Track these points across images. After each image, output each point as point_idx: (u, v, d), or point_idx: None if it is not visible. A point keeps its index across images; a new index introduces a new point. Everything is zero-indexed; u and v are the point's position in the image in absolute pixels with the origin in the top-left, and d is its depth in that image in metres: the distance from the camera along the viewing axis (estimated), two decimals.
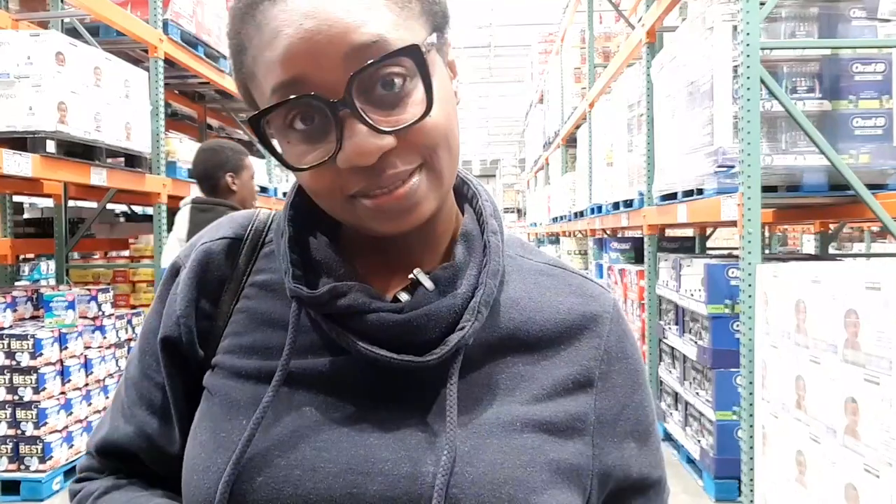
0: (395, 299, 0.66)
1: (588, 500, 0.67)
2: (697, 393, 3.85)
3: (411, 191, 0.61)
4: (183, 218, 3.23)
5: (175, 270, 0.74)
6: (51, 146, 3.53)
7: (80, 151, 3.81)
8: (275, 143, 0.62)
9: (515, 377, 0.67)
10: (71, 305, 4.01)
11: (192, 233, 3.07)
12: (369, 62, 0.57)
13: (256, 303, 0.71)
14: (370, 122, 0.58)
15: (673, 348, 4.35)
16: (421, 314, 0.63)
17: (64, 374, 3.84)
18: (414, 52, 0.58)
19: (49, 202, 5.91)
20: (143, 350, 0.75)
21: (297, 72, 0.58)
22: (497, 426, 0.63)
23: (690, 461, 4.01)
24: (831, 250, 5.33)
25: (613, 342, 0.71)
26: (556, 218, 9.96)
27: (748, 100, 2.94)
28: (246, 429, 0.62)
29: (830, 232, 5.31)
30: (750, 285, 2.96)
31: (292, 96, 0.58)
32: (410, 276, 0.66)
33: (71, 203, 5.50)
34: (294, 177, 0.67)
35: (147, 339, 0.75)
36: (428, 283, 0.65)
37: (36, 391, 3.67)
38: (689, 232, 6.43)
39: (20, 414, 3.67)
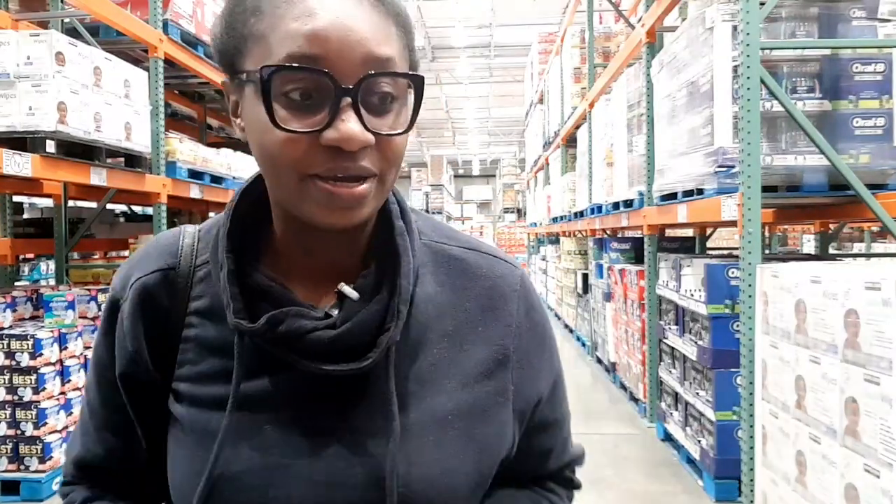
0: (327, 315, 0.72)
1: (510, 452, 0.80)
2: (697, 393, 3.85)
3: (362, 192, 0.67)
4: None
5: (115, 305, 0.79)
6: (51, 146, 3.53)
7: (79, 151, 3.81)
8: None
9: (442, 366, 0.75)
10: (71, 306, 4.00)
11: None
12: (386, 71, 0.66)
13: (202, 330, 0.76)
14: (363, 117, 0.65)
15: (673, 348, 4.35)
16: (352, 325, 0.70)
17: (64, 374, 3.84)
18: (418, 81, 0.69)
19: (49, 202, 5.91)
20: (98, 381, 0.82)
21: (320, 51, 0.64)
22: (433, 423, 0.72)
23: (690, 461, 4.01)
24: (831, 250, 5.33)
25: (522, 316, 0.80)
26: (556, 218, 9.96)
27: (748, 100, 2.94)
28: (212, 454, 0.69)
29: (830, 232, 5.30)
30: (750, 285, 2.96)
31: (308, 66, 0.64)
32: (336, 290, 0.73)
33: (71, 203, 5.50)
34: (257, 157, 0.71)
35: (100, 370, 0.81)
36: (353, 294, 0.72)
37: (36, 391, 3.66)
38: (689, 232, 6.43)
39: (20, 414, 3.66)
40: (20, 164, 3.32)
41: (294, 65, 0.64)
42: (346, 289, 0.72)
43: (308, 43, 0.64)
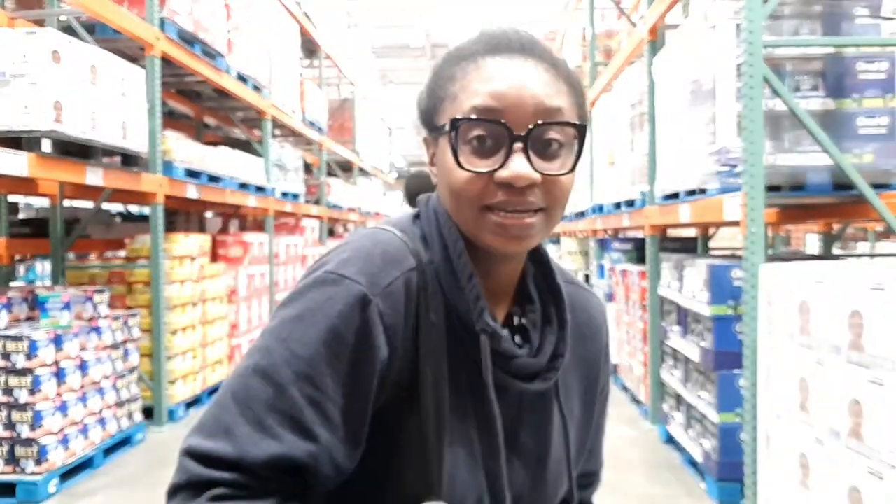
0: (514, 341, 0.88)
1: None
2: (700, 395, 3.82)
3: (530, 223, 0.81)
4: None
5: (364, 298, 0.78)
6: (46, 145, 3.51)
7: (75, 150, 3.79)
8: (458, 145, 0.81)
9: (566, 384, 0.93)
10: (67, 306, 3.98)
11: None
12: (554, 121, 0.80)
13: (437, 338, 0.83)
14: (531, 159, 0.79)
15: (675, 350, 4.32)
16: (544, 353, 0.87)
17: (60, 375, 3.81)
18: (582, 129, 0.83)
19: (45, 202, 5.90)
20: (314, 371, 0.76)
21: (499, 105, 0.79)
22: (576, 441, 0.94)
23: (693, 464, 3.99)
24: (835, 250, 5.30)
25: (606, 338, 1.02)
26: None
27: (751, 98, 2.91)
28: (497, 449, 0.85)
29: (834, 232, 5.27)
30: (753, 286, 2.94)
31: (489, 118, 0.79)
32: (512, 318, 0.90)
33: (67, 203, 5.48)
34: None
35: (323, 363, 0.77)
36: (531, 327, 0.89)
37: (31, 393, 3.64)
38: (691, 232, 6.40)
39: (16, 416, 3.64)
40: (15, 163, 3.30)
41: (474, 117, 0.79)
42: (526, 321, 0.90)
43: (489, 98, 0.79)
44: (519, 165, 0.78)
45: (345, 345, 0.77)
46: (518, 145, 0.79)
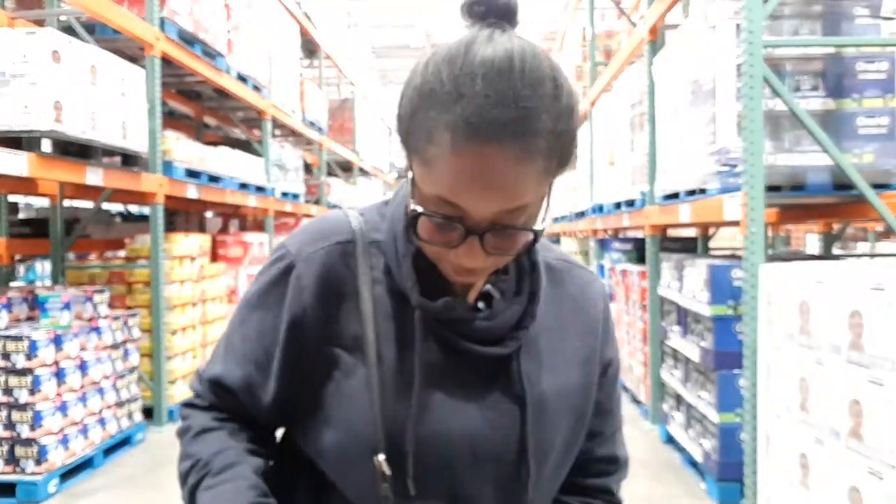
0: (476, 308, 0.92)
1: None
2: (700, 395, 3.82)
3: (478, 280, 0.90)
4: None
5: (289, 267, 0.92)
6: (46, 145, 3.51)
7: (75, 150, 3.79)
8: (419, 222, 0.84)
9: (550, 353, 0.96)
10: (66, 306, 3.98)
11: None
12: (509, 224, 0.80)
13: (377, 295, 0.92)
14: (486, 247, 0.81)
15: (675, 350, 4.32)
16: (500, 321, 0.90)
17: (60, 375, 3.81)
18: (538, 233, 0.84)
19: (45, 202, 5.90)
20: (261, 321, 0.94)
21: (461, 203, 0.78)
22: (551, 396, 0.94)
23: (693, 464, 3.99)
24: (835, 250, 5.30)
25: (606, 312, 1.04)
26: (557, 218, 9.94)
27: (751, 98, 2.91)
28: (412, 397, 0.88)
29: (834, 232, 5.27)
30: (753, 286, 2.94)
31: (448, 214, 0.80)
32: (484, 290, 0.93)
33: (67, 203, 5.48)
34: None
35: (263, 313, 0.94)
36: (497, 294, 0.93)
37: (31, 393, 3.64)
38: (691, 232, 6.40)
39: (15, 416, 3.64)
40: (15, 163, 3.30)
41: (432, 212, 0.80)
42: (493, 290, 0.93)
43: (452, 195, 0.78)
44: (471, 255, 0.82)
45: (267, 298, 0.94)
46: (473, 237, 0.80)
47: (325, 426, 0.91)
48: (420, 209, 0.82)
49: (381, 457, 0.86)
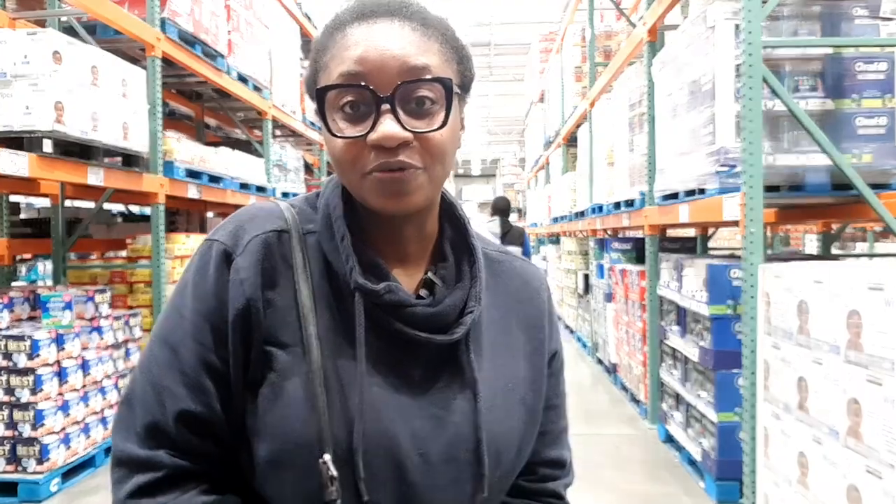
0: (419, 296, 0.88)
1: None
2: (699, 394, 3.83)
3: (410, 176, 0.81)
4: (495, 224, 6.82)
5: (227, 256, 0.86)
6: (48, 146, 3.51)
7: (77, 151, 3.79)
8: (327, 115, 0.82)
9: (497, 345, 0.93)
10: (68, 306, 3.99)
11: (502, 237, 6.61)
12: (417, 79, 0.80)
13: (317, 287, 0.86)
14: (400, 119, 0.80)
15: (674, 349, 4.34)
16: (445, 306, 0.86)
17: (61, 375, 3.82)
18: (447, 83, 0.82)
19: (46, 202, 5.90)
20: (196, 332, 0.84)
21: (363, 69, 0.80)
22: (498, 389, 0.90)
23: (692, 463, 4.00)
24: (834, 250, 5.30)
25: (549, 305, 1.02)
26: (557, 218, 9.94)
27: (750, 99, 2.92)
28: (353, 392, 0.82)
29: (833, 232, 5.28)
30: (752, 286, 2.94)
31: (353, 83, 0.80)
32: (424, 276, 0.90)
33: (68, 203, 5.49)
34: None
35: (201, 318, 0.85)
36: (438, 281, 0.89)
37: (33, 392, 3.65)
38: (690, 232, 6.41)
39: (17, 415, 3.65)
40: (17, 163, 3.30)
41: (338, 83, 0.81)
42: (434, 277, 0.90)
43: (353, 64, 0.80)
44: (386, 127, 0.79)
45: (194, 298, 0.86)
46: (385, 107, 0.79)
47: (259, 437, 0.81)
48: (325, 87, 0.82)
49: (327, 457, 0.79)
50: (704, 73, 3.41)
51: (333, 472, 0.79)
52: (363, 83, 0.80)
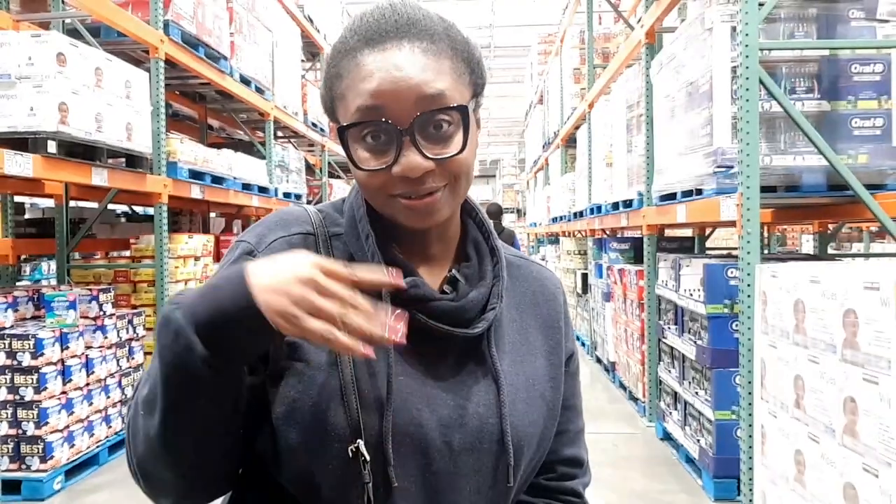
0: (443, 291, 0.91)
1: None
2: (696, 392, 3.86)
3: (435, 200, 0.85)
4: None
5: (248, 253, 0.89)
6: (52, 146, 3.54)
7: (81, 152, 3.82)
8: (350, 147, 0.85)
9: (516, 344, 0.96)
10: (72, 305, 4.01)
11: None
12: (433, 108, 0.82)
13: None
14: (421, 149, 0.82)
15: (672, 348, 4.36)
16: (467, 301, 0.89)
17: (65, 373, 3.85)
18: (463, 110, 0.84)
19: (50, 202, 5.92)
20: None
21: (380, 102, 0.81)
22: (521, 384, 0.93)
23: (689, 460, 4.02)
24: (830, 250, 5.34)
25: (564, 307, 1.05)
26: (556, 218, 9.96)
27: (747, 100, 2.95)
28: (382, 381, 0.84)
29: (829, 232, 5.31)
30: (749, 285, 2.97)
31: (373, 119, 0.82)
32: (448, 273, 0.93)
33: (72, 203, 5.51)
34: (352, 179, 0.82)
35: None
36: (462, 279, 0.92)
37: (37, 391, 3.67)
38: (688, 232, 6.44)
39: (21, 413, 3.67)
40: (21, 164, 3.33)
41: (358, 120, 0.82)
42: (457, 274, 0.92)
43: (370, 98, 0.81)
44: (409, 160, 0.81)
45: None
46: (406, 138, 0.81)
47: (289, 424, 0.83)
48: (346, 126, 0.83)
49: (360, 443, 0.81)
50: (702, 74, 3.44)
51: (367, 456, 0.81)
52: (383, 119, 0.81)
